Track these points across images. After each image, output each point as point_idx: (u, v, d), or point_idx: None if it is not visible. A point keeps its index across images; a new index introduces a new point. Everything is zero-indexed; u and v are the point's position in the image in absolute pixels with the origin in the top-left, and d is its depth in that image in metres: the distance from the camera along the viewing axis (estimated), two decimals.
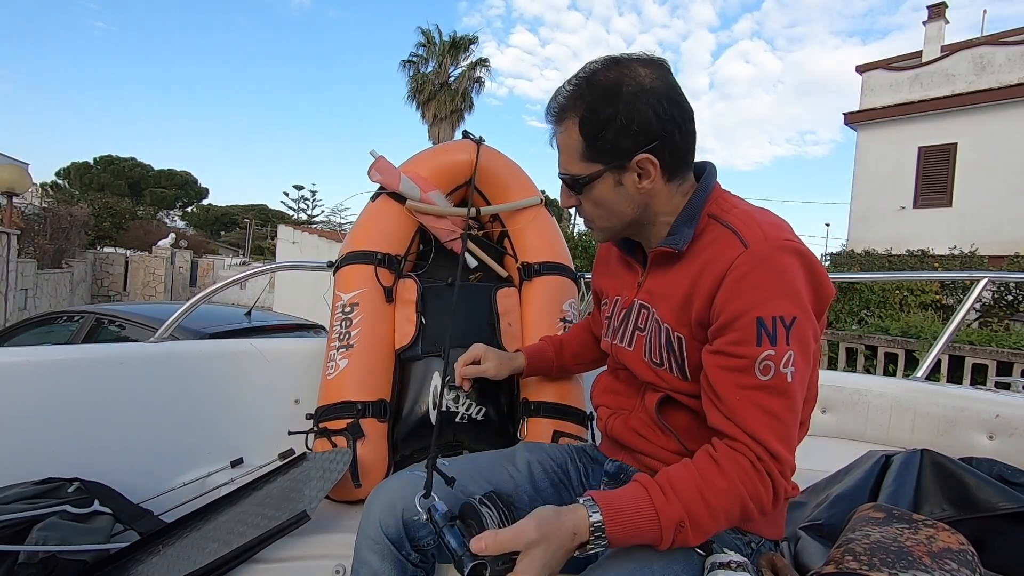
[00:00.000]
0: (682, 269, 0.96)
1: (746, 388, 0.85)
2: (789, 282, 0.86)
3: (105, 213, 24.70)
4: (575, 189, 0.99)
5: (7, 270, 10.21)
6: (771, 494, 0.84)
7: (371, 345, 1.52)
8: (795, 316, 0.85)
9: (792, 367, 0.84)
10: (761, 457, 0.83)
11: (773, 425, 0.84)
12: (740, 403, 0.85)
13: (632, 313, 1.05)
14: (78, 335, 3.88)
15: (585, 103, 0.92)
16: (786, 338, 0.84)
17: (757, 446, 0.83)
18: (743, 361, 0.85)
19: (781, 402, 0.85)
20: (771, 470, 0.83)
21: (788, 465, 0.85)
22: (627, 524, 0.80)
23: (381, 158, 1.70)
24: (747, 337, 0.85)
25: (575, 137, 0.94)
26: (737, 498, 0.82)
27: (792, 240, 0.89)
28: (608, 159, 0.93)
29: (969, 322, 7.56)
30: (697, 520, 0.81)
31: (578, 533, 0.79)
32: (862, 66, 13.85)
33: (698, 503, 0.82)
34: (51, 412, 1.46)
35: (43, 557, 1.11)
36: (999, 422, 1.56)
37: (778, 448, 0.84)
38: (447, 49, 22.30)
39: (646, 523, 0.80)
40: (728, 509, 0.83)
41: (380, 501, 1.03)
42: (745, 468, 0.83)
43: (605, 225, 1.01)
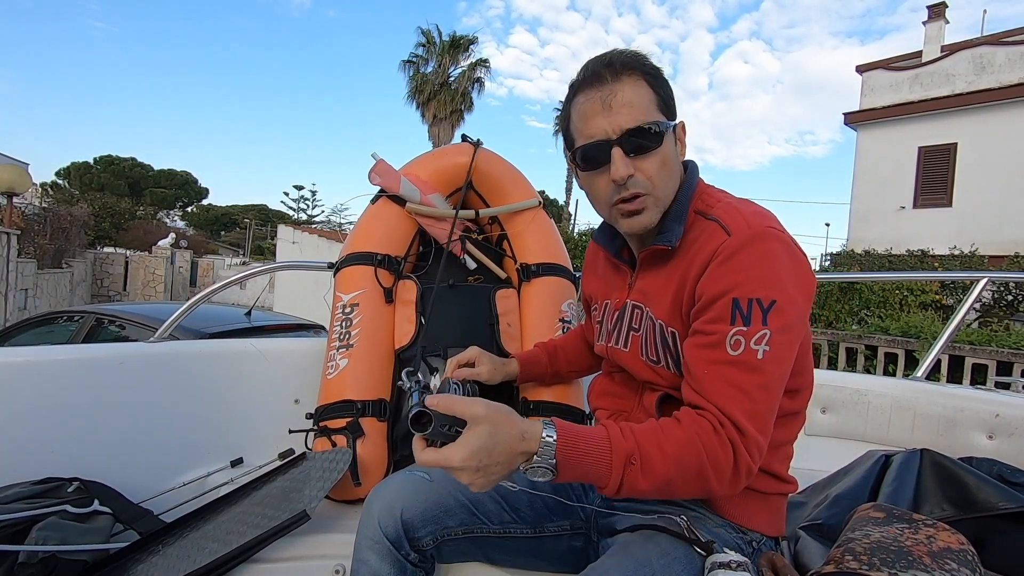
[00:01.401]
0: (672, 265, 0.97)
1: (715, 363, 0.85)
2: (769, 267, 0.86)
3: (105, 213, 24.72)
4: (651, 140, 0.92)
5: (7, 270, 10.21)
6: (731, 461, 0.82)
7: (371, 345, 1.53)
8: (773, 299, 0.84)
9: (765, 346, 0.84)
10: (723, 423, 0.82)
11: (739, 399, 0.83)
12: (708, 376, 0.85)
13: (625, 314, 1.05)
14: (78, 335, 3.88)
15: (642, 63, 0.94)
16: (762, 319, 0.84)
17: (720, 415, 0.83)
18: (714, 337, 0.85)
19: (750, 378, 0.84)
20: (734, 438, 0.82)
21: (753, 440, 0.83)
22: (578, 448, 0.79)
23: (381, 161, 1.70)
24: (722, 316, 0.86)
25: (648, 90, 0.94)
26: (692, 451, 0.81)
27: (773, 227, 0.90)
28: (671, 116, 0.96)
29: (969, 322, 7.56)
30: (649, 459, 0.80)
31: (526, 439, 0.78)
32: (862, 66, 13.85)
33: (651, 444, 0.81)
34: (51, 412, 1.46)
35: (43, 557, 1.11)
36: (999, 422, 1.56)
37: (742, 421, 0.82)
38: (447, 49, 22.31)
39: (596, 451, 0.80)
40: (681, 459, 0.81)
41: (379, 501, 1.03)
42: (704, 428, 0.82)
43: (664, 193, 0.96)
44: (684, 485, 0.83)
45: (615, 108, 0.92)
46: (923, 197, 12.58)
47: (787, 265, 0.87)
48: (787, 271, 0.87)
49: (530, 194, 1.79)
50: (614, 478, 0.80)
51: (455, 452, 0.77)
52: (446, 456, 0.77)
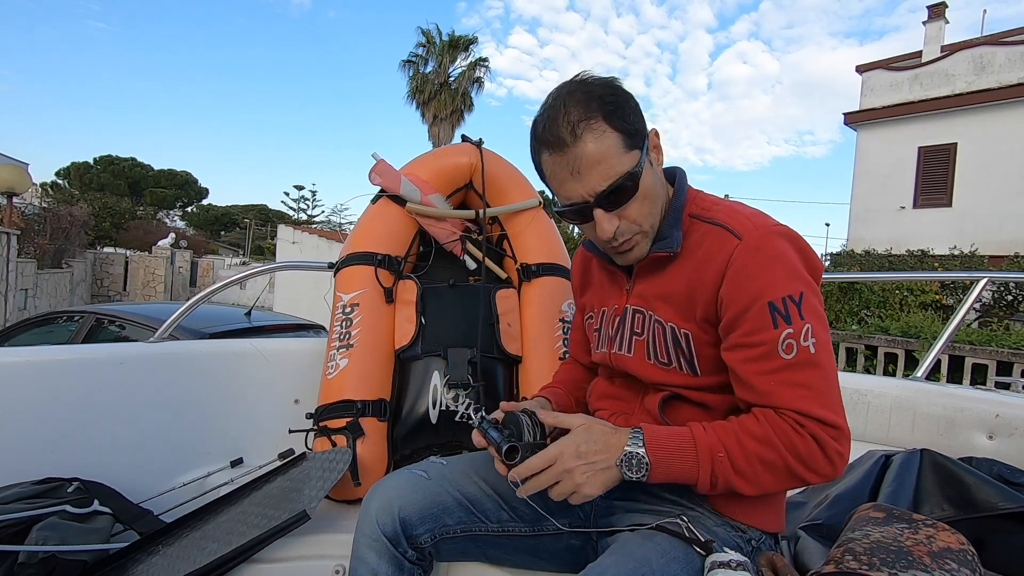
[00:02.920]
0: (676, 269, 0.97)
1: (774, 372, 0.86)
2: (787, 262, 0.88)
3: (105, 213, 24.71)
4: (628, 190, 0.91)
5: (7, 270, 10.21)
6: (816, 452, 0.84)
7: (371, 345, 1.53)
8: (802, 291, 0.87)
9: (812, 338, 0.86)
10: (803, 423, 0.84)
11: (811, 397, 0.85)
12: (773, 387, 0.86)
13: (626, 319, 1.04)
14: (78, 335, 3.88)
15: (598, 99, 0.90)
16: (799, 313, 0.86)
17: (798, 416, 0.85)
18: (764, 347, 0.86)
19: (812, 374, 0.86)
20: (815, 432, 0.84)
21: (834, 425, 0.84)
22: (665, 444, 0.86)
23: (382, 161, 1.70)
24: (762, 324, 0.86)
25: (611, 134, 0.89)
26: (774, 448, 0.84)
27: (778, 225, 0.93)
28: (640, 142, 0.93)
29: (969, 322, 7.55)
30: (733, 456, 0.85)
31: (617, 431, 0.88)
32: (862, 66, 13.85)
33: (733, 441, 0.85)
34: (51, 412, 1.46)
35: (43, 557, 1.11)
36: (999, 422, 1.56)
37: (821, 412, 0.84)
38: (447, 49, 22.30)
39: (682, 445, 0.86)
40: (765, 455, 0.84)
41: (377, 499, 1.03)
42: (783, 428, 0.85)
43: (651, 223, 0.96)
44: (776, 481, 0.86)
45: (584, 173, 0.90)
46: (923, 197, 12.57)
47: (797, 256, 0.90)
48: (799, 262, 0.90)
49: (530, 194, 1.79)
50: (703, 472, 0.85)
51: (558, 444, 0.87)
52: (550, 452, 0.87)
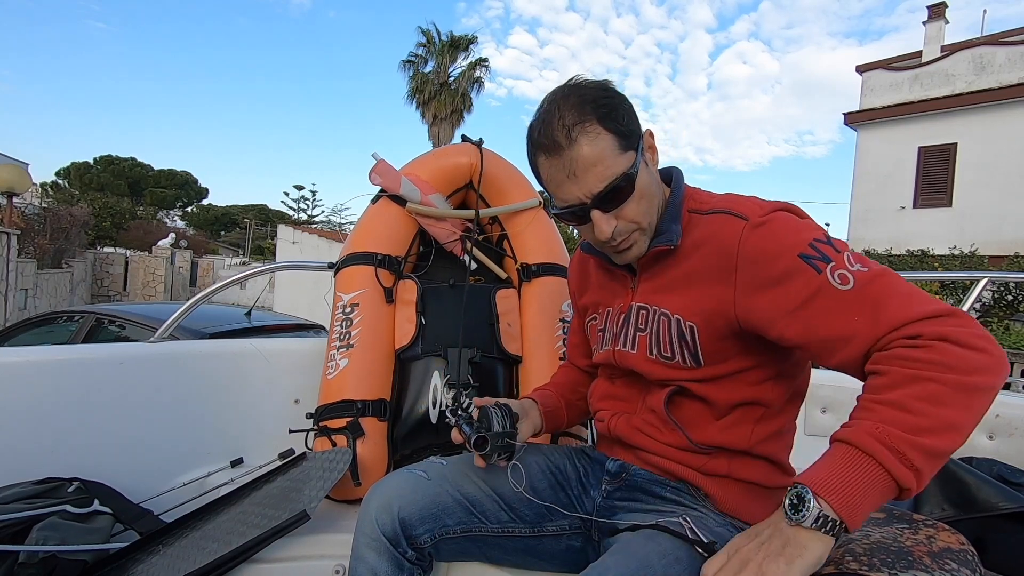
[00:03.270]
0: (682, 262, 0.97)
1: (840, 307, 0.79)
2: (796, 224, 0.89)
3: (105, 213, 24.70)
4: (625, 191, 0.92)
5: (7, 270, 10.21)
6: (962, 351, 0.71)
7: (371, 345, 1.53)
8: (823, 234, 0.87)
9: (858, 263, 0.82)
10: (914, 336, 0.73)
11: (893, 303, 0.76)
12: (847, 322, 0.78)
13: (631, 317, 1.04)
14: (78, 335, 3.88)
15: (591, 102, 0.91)
16: (833, 249, 0.84)
17: (898, 333, 0.74)
18: (821, 294, 0.81)
19: (879, 287, 0.79)
20: (938, 332, 0.72)
21: (946, 312, 0.74)
22: (832, 478, 0.69)
23: (382, 161, 1.70)
24: (805, 275, 0.82)
25: (605, 136, 0.90)
26: (920, 381, 0.70)
27: (778, 202, 0.94)
28: (635, 143, 0.94)
29: None
30: (897, 421, 0.69)
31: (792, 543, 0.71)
32: (862, 66, 13.85)
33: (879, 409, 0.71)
34: (51, 412, 1.46)
35: (43, 557, 1.11)
36: (999, 422, 1.56)
37: (918, 309, 0.74)
38: (446, 49, 22.31)
39: (845, 463, 0.69)
40: (922, 394, 0.69)
41: (377, 499, 1.03)
42: (905, 357, 0.72)
43: (649, 221, 0.96)
44: (962, 409, 0.70)
45: (580, 176, 0.91)
46: (923, 197, 12.58)
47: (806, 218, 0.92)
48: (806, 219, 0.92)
49: (530, 194, 1.79)
50: (892, 464, 0.68)
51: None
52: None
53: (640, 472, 1.04)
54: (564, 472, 1.12)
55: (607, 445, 1.14)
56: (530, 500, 1.06)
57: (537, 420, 1.18)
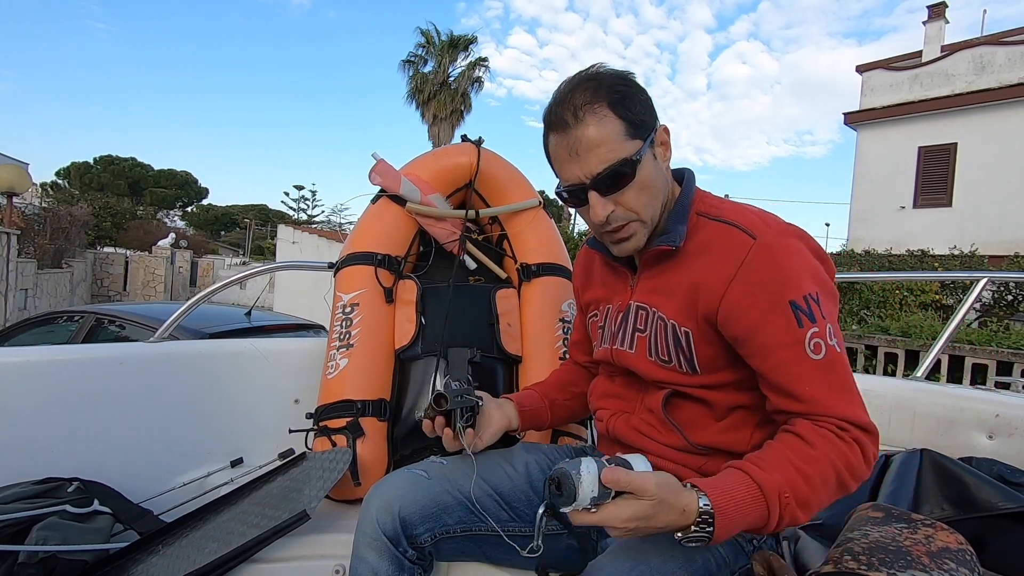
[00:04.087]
0: (682, 265, 0.97)
1: (806, 374, 0.86)
2: (805, 260, 0.90)
3: (105, 213, 24.70)
4: (624, 177, 0.92)
5: (7, 270, 10.21)
6: (861, 459, 0.84)
7: (371, 345, 1.53)
8: (818, 291, 0.88)
9: (835, 338, 0.87)
10: (844, 427, 0.84)
11: (845, 397, 0.86)
12: (805, 386, 0.86)
13: (629, 316, 1.04)
14: (78, 335, 3.88)
15: (606, 87, 0.92)
16: (820, 312, 0.87)
17: (838, 420, 0.85)
18: (794, 348, 0.86)
19: (841, 374, 0.87)
20: (857, 436, 0.85)
21: (871, 428, 0.86)
22: (732, 501, 0.78)
23: (382, 161, 1.70)
24: (788, 323, 0.86)
25: (613, 120, 0.91)
26: (829, 465, 0.82)
27: (790, 225, 0.94)
28: (645, 133, 0.93)
29: (969, 322, 7.55)
30: (797, 490, 0.81)
31: (686, 512, 0.77)
32: (862, 66, 13.85)
33: (792, 473, 0.81)
34: (51, 412, 1.46)
35: (43, 557, 1.11)
36: (999, 422, 1.56)
37: (859, 416, 0.85)
38: (446, 49, 22.30)
39: (750, 496, 0.79)
40: (823, 476, 0.82)
41: (378, 498, 1.04)
42: (829, 438, 0.84)
43: (650, 214, 0.96)
44: (829, 498, 0.85)
45: (582, 154, 0.92)
46: (923, 197, 12.57)
47: (814, 258, 0.92)
48: (816, 263, 0.92)
49: (530, 194, 1.79)
50: (773, 516, 0.80)
51: (618, 513, 0.76)
52: (606, 517, 0.77)
53: None
54: None
55: (606, 445, 1.14)
56: (530, 499, 1.06)
57: (512, 414, 1.15)
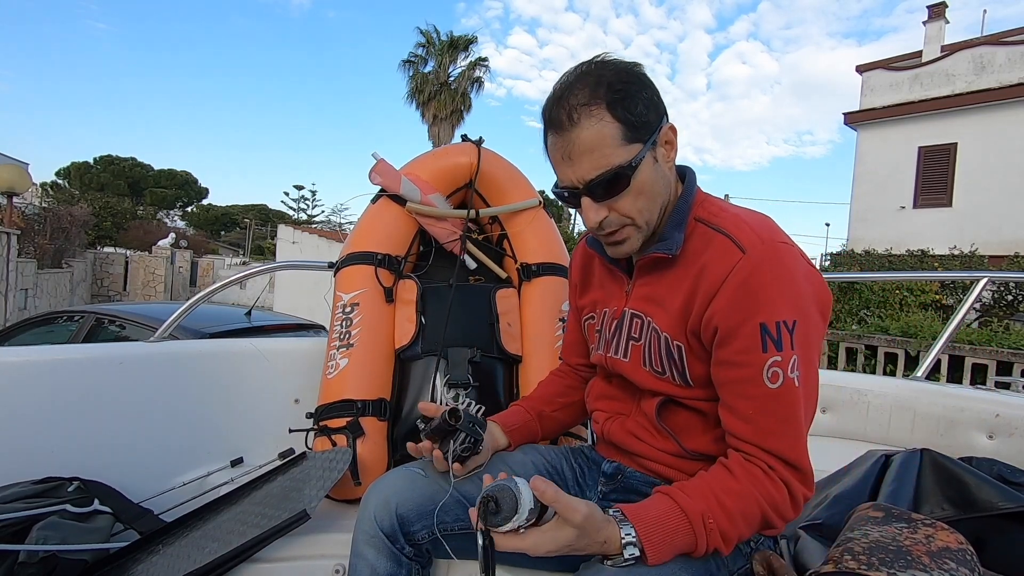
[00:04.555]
0: (676, 275, 0.95)
1: (756, 398, 0.86)
2: (789, 284, 0.86)
3: (105, 213, 24.69)
4: (618, 184, 0.89)
5: (7, 270, 10.21)
6: (787, 499, 0.85)
7: (371, 345, 1.53)
8: (795, 319, 0.84)
9: (798, 371, 0.85)
10: (773, 466, 0.85)
11: (787, 434, 0.85)
12: (752, 413, 0.86)
13: (624, 323, 1.04)
14: (78, 335, 3.88)
15: (607, 86, 0.88)
16: (791, 342, 0.84)
17: (768, 456, 0.85)
18: (750, 370, 0.85)
19: (792, 409, 0.85)
20: (786, 477, 0.85)
21: (803, 469, 0.86)
22: (658, 527, 0.81)
23: (382, 161, 1.70)
24: (752, 344, 0.85)
25: (609, 124, 0.87)
26: (752, 501, 0.84)
27: (786, 242, 0.90)
28: (645, 135, 0.89)
29: (969, 322, 7.55)
30: (719, 520, 0.83)
31: (608, 543, 0.80)
32: (862, 66, 13.85)
33: (712, 503, 0.83)
34: (51, 412, 1.46)
35: (43, 556, 1.11)
36: (999, 422, 1.56)
37: (790, 455, 0.85)
38: (446, 49, 22.31)
39: (675, 521, 0.82)
40: (744, 511, 0.84)
41: (375, 496, 1.04)
42: (756, 475, 0.85)
43: (646, 219, 0.94)
44: (750, 531, 0.86)
45: (575, 159, 0.89)
46: (923, 197, 12.57)
47: (803, 282, 0.88)
48: (805, 288, 0.87)
49: (530, 194, 1.79)
50: (700, 542, 0.82)
51: (542, 543, 0.79)
52: (533, 543, 0.80)
53: (635, 474, 1.04)
54: (561, 472, 1.12)
55: (604, 447, 1.14)
56: None
57: (499, 435, 1.14)
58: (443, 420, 0.98)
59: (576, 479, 1.12)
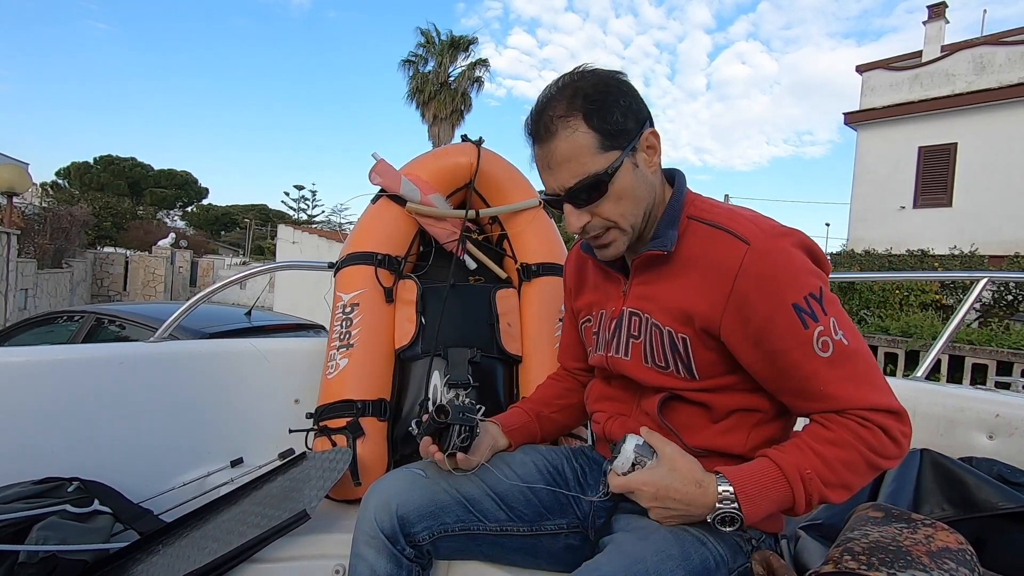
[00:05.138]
0: (676, 271, 0.96)
1: (817, 371, 0.87)
2: (799, 261, 0.89)
3: (105, 213, 24.70)
4: (597, 190, 0.92)
5: (7, 270, 10.21)
6: (887, 442, 0.86)
7: (371, 345, 1.53)
8: (819, 286, 0.88)
9: (841, 330, 0.87)
10: (867, 418, 0.86)
11: (863, 388, 0.87)
12: (819, 386, 0.87)
13: (623, 322, 1.04)
14: (78, 335, 3.88)
15: (583, 97, 0.91)
16: (822, 309, 0.87)
17: (860, 411, 0.86)
18: (801, 350, 0.87)
19: (855, 365, 0.87)
20: (881, 422, 0.86)
21: (896, 410, 0.87)
22: (756, 485, 0.85)
23: (382, 161, 1.70)
24: (791, 326, 0.87)
25: (585, 133, 0.91)
26: (851, 448, 0.86)
27: (781, 226, 0.93)
28: (623, 142, 0.92)
29: (969, 322, 7.55)
30: (820, 470, 0.85)
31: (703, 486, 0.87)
32: (862, 66, 13.85)
33: (808, 453, 0.86)
34: (51, 412, 1.46)
35: (43, 557, 1.11)
36: (999, 422, 1.56)
37: (879, 400, 0.86)
38: (446, 49, 22.30)
39: (770, 475, 0.86)
40: (843, 459, 0.86)
41: (376, 497, 1.04)
42: (851, 426, 0.86)
43: (630, 222, 0.96)
44: (860, 478, 0.88)
45: (555, 168, 0.94)
46: (923, 197, 12.57)
47: (807, 256, 0.92)
48: (808, 261, 0.91)
49: (530, 194, 1.79)
50: (799, 495, 0.85)
51: (639, 476, 0.89)
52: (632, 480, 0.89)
53: None
54: (561, 472, 1.12)
55: (604, 447, 1.14)
56: (528, 499, 1.06)
57: (498, 434, 1.15)
58: (432, 420, 0.99)
59: (577, 479, 1.12)
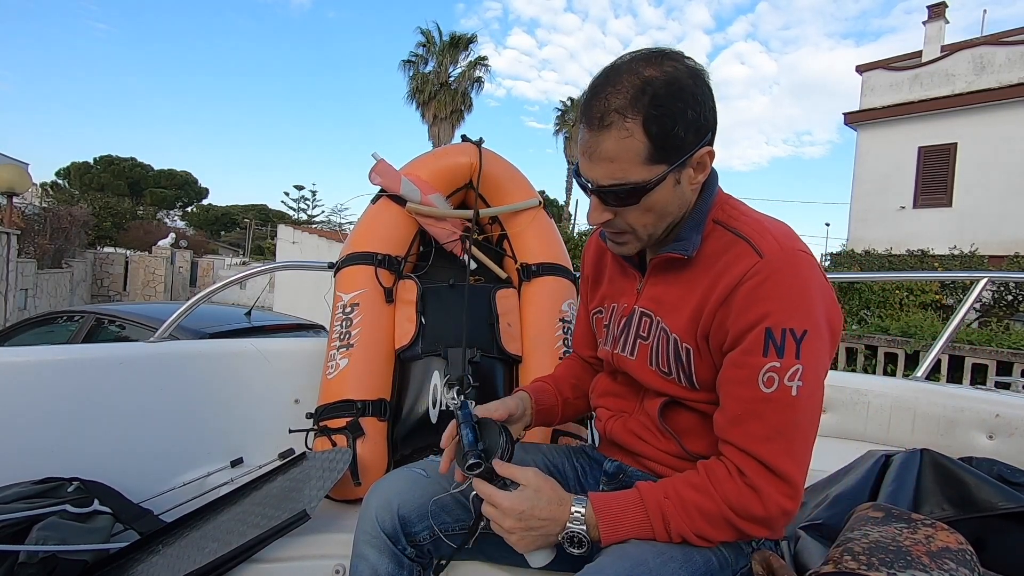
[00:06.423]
0: (690, 277, 0.94)
1: (748, 400, 0.84)
2: (803, 295, 0.84)
3: (105, 213, 24.70)
4: (630, 198, 0.87)
5: (7, 270, 10.21)
6: (755, 506, 0.82)
7: (371, 345, 1.53)
8: (806, 329, 0.82)
9: (799, 381, 0.82)
10: (745, 470, 0.83)
11: (774, 439, 0.82)
12: (740, 414, 0.85)
13: (633, 321, 1.03)
14: (78, 335, 3.88)
15: (651, 97, 0.82)
16: (796, 351, 0.81)
17: (745, 458, 0.84)
18: (747, 371, 0.84)
19: (784, 417, 0.82)
20: (758, 484, 0.82)
21: (789, 480, 0.82)
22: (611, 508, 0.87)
23: (382, 161, 1.70)
24: (755, 347, 0.83)
25: (639, 139, 0.83)
26: (711, 498, 0.85)
27: (805, 250, 0.88)
28: (674, 158, 0.85)
29: (969, 322, 7.55)
30: (677, 511, 0.86)
31: (563, 503, 0.88)
32: (862, 66, 13.85)
33: (671, 491, 0.87)
34: (51, 412, 1.46)
35: (43, 557, 1.11)
36: (999, 422, 1.56)
37: (774, 462, 0.82)
38: (446, 48, 22.32)
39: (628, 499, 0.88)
40: (701, 507, 0.85)
41: (377, 496, 1.04)
42: (720, 475, 0.85)
43: (649, 233, 0.92)
44: (716, 531, 0.86)
45: (594, 161, 0.87)
46: (923, 197, 12.57)
47: (818, 296, 0.85)
48: (818, 301, 0.85)
49: (530, 194, 1.79)
50: (657, 526, 0.86)
51: (503, 498, 0.88)
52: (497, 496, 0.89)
53: (636, 474, 1.04)
54: (562, 471, 1.12)
55: (606, 445, 1.14)
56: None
57: (528, 419, 1.14)
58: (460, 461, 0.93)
59: (578, 478, 1.12)
